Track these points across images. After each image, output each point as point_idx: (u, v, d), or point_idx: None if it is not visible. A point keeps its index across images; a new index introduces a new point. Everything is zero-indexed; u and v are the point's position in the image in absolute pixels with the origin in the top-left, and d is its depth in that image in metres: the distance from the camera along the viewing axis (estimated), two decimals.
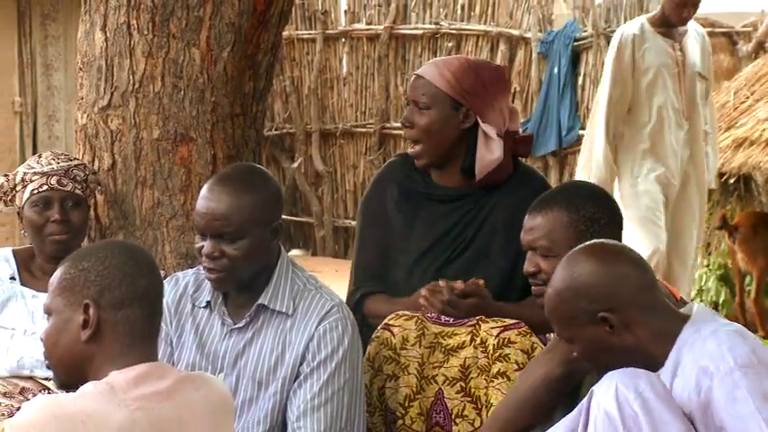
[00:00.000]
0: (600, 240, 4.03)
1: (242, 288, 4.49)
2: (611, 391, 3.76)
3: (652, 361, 3.84)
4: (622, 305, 3.85)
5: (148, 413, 3.34)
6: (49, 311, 3.51)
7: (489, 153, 5.04)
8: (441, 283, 4.81)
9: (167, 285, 4.54)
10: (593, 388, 3.82)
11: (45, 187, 4.91)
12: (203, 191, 4.42)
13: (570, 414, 3.87)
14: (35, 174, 4.94)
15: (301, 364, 4.41)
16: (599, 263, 3.91)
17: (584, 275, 3.87)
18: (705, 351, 3.78)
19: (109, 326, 3.43)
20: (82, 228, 4.99)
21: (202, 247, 4.37)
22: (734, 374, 3.72)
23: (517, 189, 5.08)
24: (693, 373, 3.75)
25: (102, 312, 3.42)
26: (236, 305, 4.52)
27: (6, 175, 5.03)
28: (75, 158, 5.14)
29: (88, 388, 3.39)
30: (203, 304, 4.56)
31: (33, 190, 4.91)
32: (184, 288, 4.60)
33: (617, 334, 3.84)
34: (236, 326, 4.50)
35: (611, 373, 3.80)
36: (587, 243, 4.00)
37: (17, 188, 4.96)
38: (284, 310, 4.46)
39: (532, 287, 4.19)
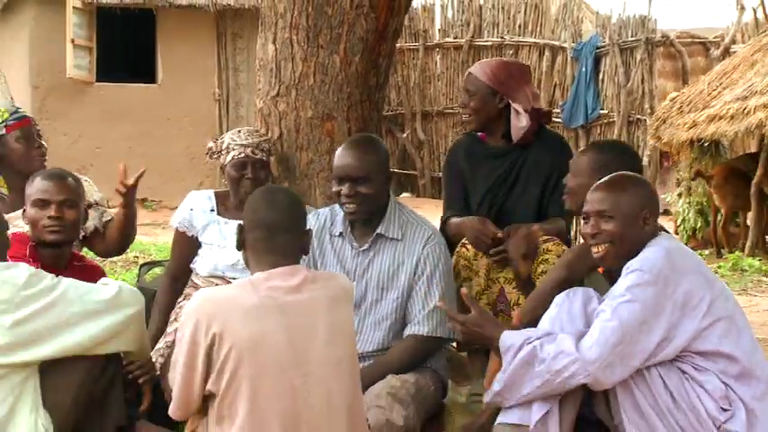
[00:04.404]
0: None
1: (365, 221, 4.44)
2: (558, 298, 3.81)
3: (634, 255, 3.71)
4: (654, 213, 3.75)
5: (275, 300, 3.33)
6: None
7: (519, 123, 5.05)
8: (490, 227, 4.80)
9: (311, 219, 4.49)
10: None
11: (243, 154, 4.90)
12: (339, 153, 4.39)
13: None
14: (237, 144, 4.92)
15: (414, 275, 4.37)
16: (641, 180, 3.83)
17: (644, 184, 3.81)
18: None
19: (248, 242, 3.47)
20: (266, 182, 4.98)
21: (340, 190, 4.34)
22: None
23: (541, 146, 5.08)
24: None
25: (245, 233, 3.47)
26: (361, 234, 4.46)
27: (215, 140, 5.04)
28: (263, 135, 5.13)
29: (234, 283, 3.44)
30: (337, 234, 4.50)
31: (234, 156, 4.90)
32: (324, 222, 4.54)
33: (646, 230, 3.72)
34: (362, 249, 4.44)
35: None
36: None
37: (222, 151, 4.96)
38: (396, 237, 4.41)
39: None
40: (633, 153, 4.49)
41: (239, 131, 5.05)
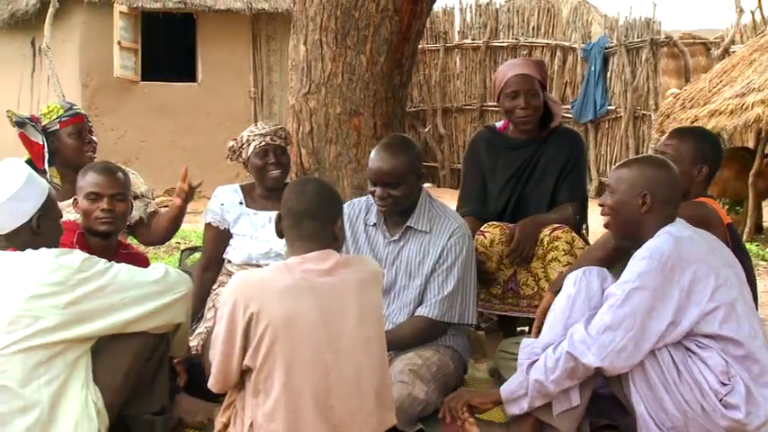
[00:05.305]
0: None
1: (397, 214, 4.43)
2: (571, 276, 3.81)
3: (641, 240, 3.65)
4: (658, 196, 3.68)
5: (308, 281, 3.32)
6: None
7: (559, 110, 5.08)
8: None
9: (347, 208, 4.46)
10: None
11: (263, 143, 4.87)
12: (373, 155, 4.32)
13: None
14: (256, 135, 4.90)
15: (436, 262, 4.34)
16: (662, 166, 3.73)
17: (659, 168, 3.72)
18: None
19: (283, 230, 3.46)
20: (288, 167, 4.96)
21: (374, 191, 4.31)
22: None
23: (558, 140, 5.06)
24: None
25: (281, 222, 3.46)
26: (393, 225, 4.44)
27: (235, 139, 5.00)
28: (277, 124, 5.10)
29: (271, 266, 3.43)
30: (372, 223, 4.48)
31: (255, 146, 4.87)
32: (359, 211, 4.52)
33: (644, 211, 3.67)
34: (393, 239, 4.42)
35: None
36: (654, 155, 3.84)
37: (243, 147, 4.92)
38: (424, 229, 4.38)
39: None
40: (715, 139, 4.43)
41: (255, 125, 5.03)
